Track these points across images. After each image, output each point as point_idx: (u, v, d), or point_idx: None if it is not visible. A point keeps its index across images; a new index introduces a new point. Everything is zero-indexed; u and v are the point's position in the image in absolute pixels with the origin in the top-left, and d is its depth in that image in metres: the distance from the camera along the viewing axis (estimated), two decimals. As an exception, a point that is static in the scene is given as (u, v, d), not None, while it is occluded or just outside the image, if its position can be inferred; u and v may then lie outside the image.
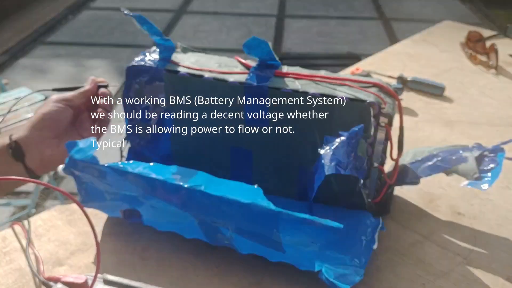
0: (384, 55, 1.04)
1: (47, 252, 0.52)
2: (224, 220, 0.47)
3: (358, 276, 0.45)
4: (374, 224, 0.50)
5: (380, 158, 0.52)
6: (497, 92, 0.89)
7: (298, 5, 3.47)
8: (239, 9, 3.40)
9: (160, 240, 0.53)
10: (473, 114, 0.82)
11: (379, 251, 0.52)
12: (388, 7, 3.46)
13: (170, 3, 3.46)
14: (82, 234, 0.55)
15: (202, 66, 0.54)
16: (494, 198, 0.61)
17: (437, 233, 0.56)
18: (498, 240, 0.55)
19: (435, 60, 1.01)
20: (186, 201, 0.48)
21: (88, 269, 0.50)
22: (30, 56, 2.64)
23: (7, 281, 0.49)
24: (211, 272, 0.50)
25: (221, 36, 2.93)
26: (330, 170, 0.44)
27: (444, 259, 0.52)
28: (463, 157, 0.53)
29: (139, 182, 0.49)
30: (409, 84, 0.89)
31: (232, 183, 0.49)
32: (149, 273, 0.50)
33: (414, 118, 0.81)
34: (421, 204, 0.60)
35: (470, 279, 0.50)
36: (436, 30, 1.17)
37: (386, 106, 0.49)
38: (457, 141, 0.74)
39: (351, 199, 0.53)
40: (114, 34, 2.88)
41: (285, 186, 0.55)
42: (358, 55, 2.62)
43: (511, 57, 1.02)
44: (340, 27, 3.10)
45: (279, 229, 0.45)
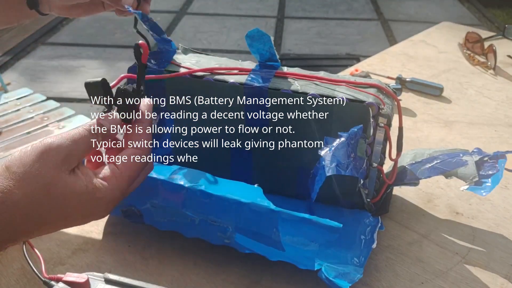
0: (383, 56, 1.04)
1: (49, 252, 0.52)
2: (224, 220, 0.47)
3: (357, 274, 0.46)
4: (373, 223, 0.51)
5: (379, 158, 0.53)
6: (495, 93, 0.89)
7: (298, 7, 3.48)
8: (239, 10, 3.40)
9: (160, 239, 0.53)
10: (471, 114, 0.82)
11: (378, 250, 0.52)
12: (387, 8, 3.46)
13: (171, 5, 3.47)
14: (83, 233, 0.55)
15: (203, 67, 0.55)
16: (492, 197, 0.62)
17: (436, 232, 0.56)
18: (496, 239, 0.55)
19: (434, 61, 1.02)
20: (187, 201, 0.48)
21: (89, 268, 0.50)
22: (32, 56, 2.65)
23: (8, 280, 0.49)
24: (212, 271, 0.50)
25: (221, 37, 2.93)
26: (331, 171, 0.44)
27: (442, 258, 0.52)
28: (463, 160, 0.53)
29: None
30: (408, 84, 0.90)
31: (232, 183, 0.49)
32: (150, 272, 0.50)
33: (412, 118, 0.81)
34: (419, 203, 0.61)
35: (469, 278, 0.50)
36: (435, 31, 1.18)
37: (385, 107, 0.50)
38: (455, 141, 0.74)
39: (351, 199, 0.53)
40: (116, 35, 2.88)
41: (285, 186, 0.56)
42: (357, 56, 2.63)
43: (510, 58, 1.02)
44: (339, 28, 3.11)
45: (278, 229, 0.46)
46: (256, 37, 0.52)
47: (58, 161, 0.34)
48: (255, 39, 0.52)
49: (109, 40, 2.83)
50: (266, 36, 0.52)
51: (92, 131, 0.37)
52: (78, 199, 0.35)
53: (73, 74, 2.44)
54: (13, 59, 2.60)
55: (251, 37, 0.52)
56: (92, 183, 0.36)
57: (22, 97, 1.36)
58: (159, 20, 3.14)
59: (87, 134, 0.37)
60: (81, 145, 0.36)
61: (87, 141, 0.37)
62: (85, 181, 0.36)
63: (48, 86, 2.30)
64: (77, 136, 0.36)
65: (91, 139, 0.37)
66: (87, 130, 0.37)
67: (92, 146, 0.37)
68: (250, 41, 0.52)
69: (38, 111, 1.29)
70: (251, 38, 0.52)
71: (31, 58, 2.63)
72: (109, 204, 0.37)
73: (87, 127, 0.37)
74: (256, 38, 0.52)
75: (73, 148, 0.35)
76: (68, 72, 2.47)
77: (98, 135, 0.37)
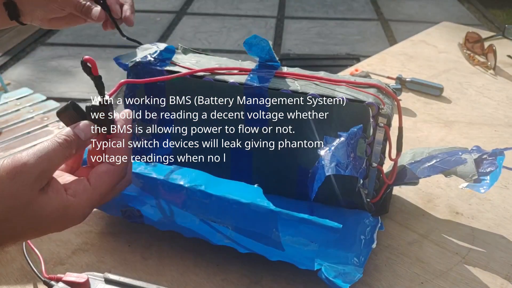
0: (383, 56, 1.04)
1: (49, 252, 0.52)
2: (224, 220, 0.47)
3: (357, 274, 0.46)
4: (373, 223, 0.51)
5: (379, 158, 0.53)
6: (495, 93, 0.89)
7: (298, 7, 3.48)
8: (239, 10, 3.40)
9: (160, 239, 0.53)
10: (471, 114, 0.82)
11: (378, 250, 0.52)
12: (387, 8, 3.46)
13: (171, 5, 3.47)
14: (83, 233, 0.55)
15: (203, 67, 0.55)
16: (492, 197, 0.62)
17: (436, 232, 0.56)
18: (496, 239, 0.55)
19: (434, 61, 1.02)
20: (187, 201, 0.48)
21: (89, 268, 0.50)
22: (32, 57, 2.65)
23: (8, 280, 0.49)
24: (211, 270, 0.50)
25: (221, 37, 2.93)
26: (331, 170, 0.44)
27: (442, 258, 0.52)
28: (462, 159, 0.53)
29: (140, 181, 0.50)
30: (408, 84, 0.90)
31: (232, 183, 0.49)
32: (150, 272, 0.50)
33: (412, 118, 0.81)
34: (419, 203, 0.61)
35: (469, 278, 0.50)
36: (435, 31, 1.18)
37: (385, 107, 0.50)
38: (455, 141, 0.74)
39: (350, 198, 0.53)
40: (115, 35, 2.88)
41: (284, 186, 0.56)
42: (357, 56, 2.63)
43: (509, 58, 1.02)
44: (339, 28, 3.11)
45: (278, 229, 0.46)
46: (254, 43, 0.52)
47: (31, 180, 0.34)
48: (253, 45, 0.52)
49: (108, 40, 2.83)
50: (264, 41, 0.52)
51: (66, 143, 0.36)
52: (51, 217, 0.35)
53: (72, 74, 2.44)
54: (13, 59, 2.60)
55: (249, 44, 0.52)
56: (64, 201, 0.36)
57: (22, 97, 1.36)
58: (159, 20, 3.15)
59: (60, 149, 0.36)
60: (55, 160, 0.35)
61: (61, 155, 0.36)
62: (57, 200, 0.35)
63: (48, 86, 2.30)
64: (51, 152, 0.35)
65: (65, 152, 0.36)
66: (60, 145, 0.36)
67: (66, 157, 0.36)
68: (249, 47, 0.53)
69: (38, 111, 1.29)
70: (249, 45, 0.52)
71: (31, 58, 2.63)
72: (81, 217, 0.38)
73: (61, 140, 0.36)
74: (254, 44, 0.52)
75: (46, 166, 0.35)
76: (67, 72, 2.47)
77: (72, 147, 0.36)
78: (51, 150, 0.35)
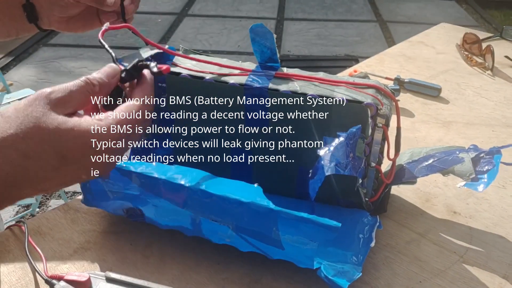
0: (382, 57, 1.05)
1: (51, 250, 0.53)
2: (225, 219, 0.48)
3: (356, 273, 0.46)
4: (372, 222, 0.51)
5: (377, 158, 0.53)
6: (493, 93, 0.90)
7: (297, 8, 3.49)
8: (240, 12, 3.41)
9: (162, 238, 0.54)
10: (469, 114, 0.83)
11: (376, 249, 0.53)
12: (386, 9, 3.47)
13: (172, 6, 3.48)
14: (85, 232, 0.55)
15: (203, 68, 0.55)
16: (489, 197, 0.62)
17: (434, 231, 0.57)
18: (494, 238, 0.56)
19: (432, 62, 1.02)
20: (188, 200, 0.49)
21: (91, 267, 0.51)
22: (34, 57, 2.66)
23: (10, 279, 0.50)
24: (212, 269, 0.51)
25: (222, 38, 2.94)
26: (330, 170, 0.45)
27: (440, 257, 0.53)
28: (459, 158, 0.54)
29: (142, 181, 0.51)
30: (406, 85, 0.90)
31: (233, 182, 0.50)
32: (151, 270, 0.50)
33: (410, 118, 0.82)
34: (417, 203, 0.61)
35: (467, 277, 0.50)
36: (433, 32, 1.18)
37: (383, 107, 0.50)
38: (453, 141, 0.75)
39: (349, 198, 0.54)
40: (117, 36, 2.89)
41: (284, 185, 0.56)
42: (356, 57, 2.63)
43: (507, 59, 1.03)
44: (338, 29, 3.12)
45: (278, 228, 0.46)
46: (260, 33, 0.52)
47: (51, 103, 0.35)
48: (259, 34, 0.52)
49: (110, 41, 2.82)
50: (270, 33, 0.52)
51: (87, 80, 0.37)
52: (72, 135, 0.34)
53: (74, 75, 2.45)
54: (16, 60, 2.61)
55: (255, 31, 0.52)
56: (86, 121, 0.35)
57: (24, 97, 1.36)
58: (160, 22, 3.15)
59: (81, 83, 0.37)
60: (76, 94, 0.36)
61: (82, 89, 0.36)
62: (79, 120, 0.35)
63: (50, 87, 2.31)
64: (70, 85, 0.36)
65: (87, 87, 0.37)
66: (81, 81, 0.37)
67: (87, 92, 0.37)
68: (254, 35, 0.53)
69: (39, 111, 1.29)
70: (254, 32, 0.52)
71: (33, 59, 2.63)
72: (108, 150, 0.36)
73: (83, 78, 0.37)
74: (259, 33, 0.52)
75: (67, 96, 0.35)
76: (69, 72, 2.48)
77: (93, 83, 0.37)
78: (71, 84, 0.36)
